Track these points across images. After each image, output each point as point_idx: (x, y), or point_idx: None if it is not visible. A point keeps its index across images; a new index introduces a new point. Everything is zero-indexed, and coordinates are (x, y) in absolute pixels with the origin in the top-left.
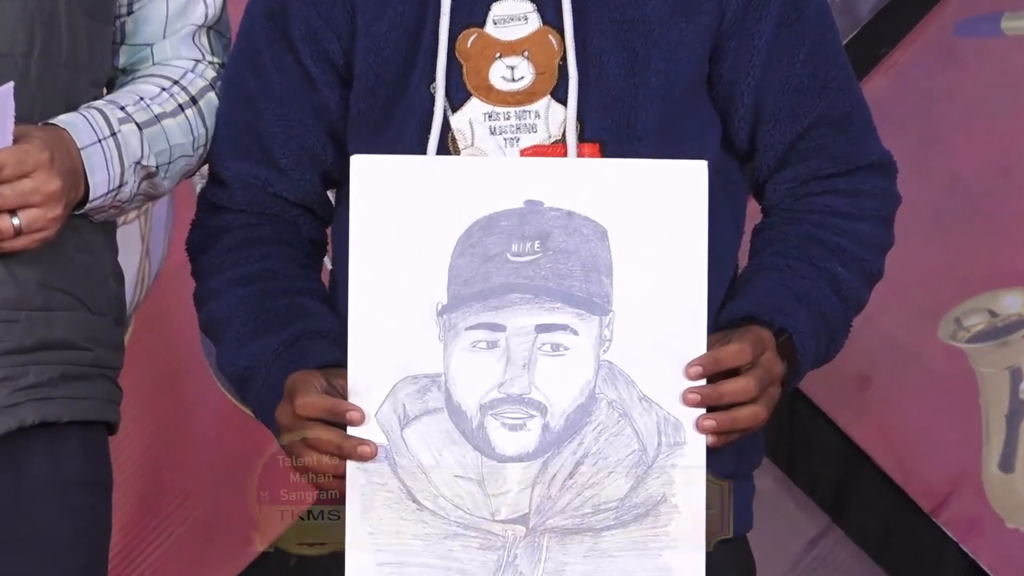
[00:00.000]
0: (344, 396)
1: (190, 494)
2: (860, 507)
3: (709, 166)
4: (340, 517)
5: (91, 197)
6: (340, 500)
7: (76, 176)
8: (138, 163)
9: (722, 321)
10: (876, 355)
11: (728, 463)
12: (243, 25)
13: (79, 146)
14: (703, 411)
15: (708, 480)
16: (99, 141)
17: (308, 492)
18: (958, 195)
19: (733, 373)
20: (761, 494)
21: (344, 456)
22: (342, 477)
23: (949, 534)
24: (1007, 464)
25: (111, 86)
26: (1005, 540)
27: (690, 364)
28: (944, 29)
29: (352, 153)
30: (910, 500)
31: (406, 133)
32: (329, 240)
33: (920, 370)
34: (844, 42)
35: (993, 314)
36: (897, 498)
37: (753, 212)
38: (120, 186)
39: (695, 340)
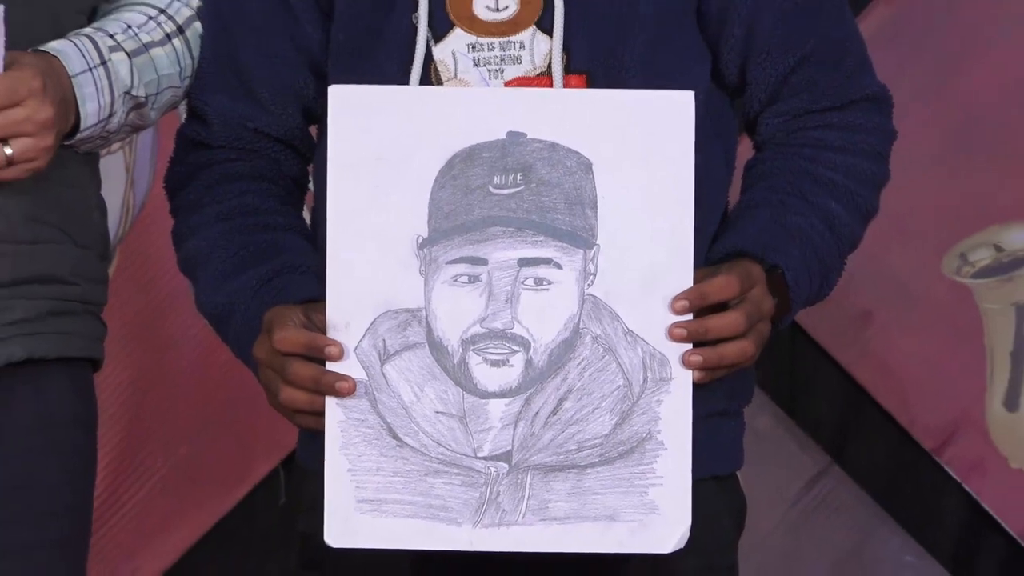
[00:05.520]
0: (323, 331)
1: (173, 434)
2: (861, 447)
3: (698, 100)
4: None
5: (82, 127)
6: None
7: (67, 105)
8: (128, 93)
9: (713, 257)
10: (879, 291)
11: (717, 400)
12: None
13: (70, 74)
14: (689, 346)
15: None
16: (90, 69)
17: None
18: (962, 128)
19: (721, 308)
20: (760, 433)
21: (322, 392)
22: (321, 414)
23: (952, 474)
24: (1012, 402)
25: (93, 16)
26: (1009, 480)
27: (676, 298)
28: None
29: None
30: (912, 440)
31: (388, 65)
32: (312, 179)
33: (924, 307)
34: None
35: (999, 249)
36: (899, 437)
37: (744, 151)
38: (110, 116)
39: (681, 274)
